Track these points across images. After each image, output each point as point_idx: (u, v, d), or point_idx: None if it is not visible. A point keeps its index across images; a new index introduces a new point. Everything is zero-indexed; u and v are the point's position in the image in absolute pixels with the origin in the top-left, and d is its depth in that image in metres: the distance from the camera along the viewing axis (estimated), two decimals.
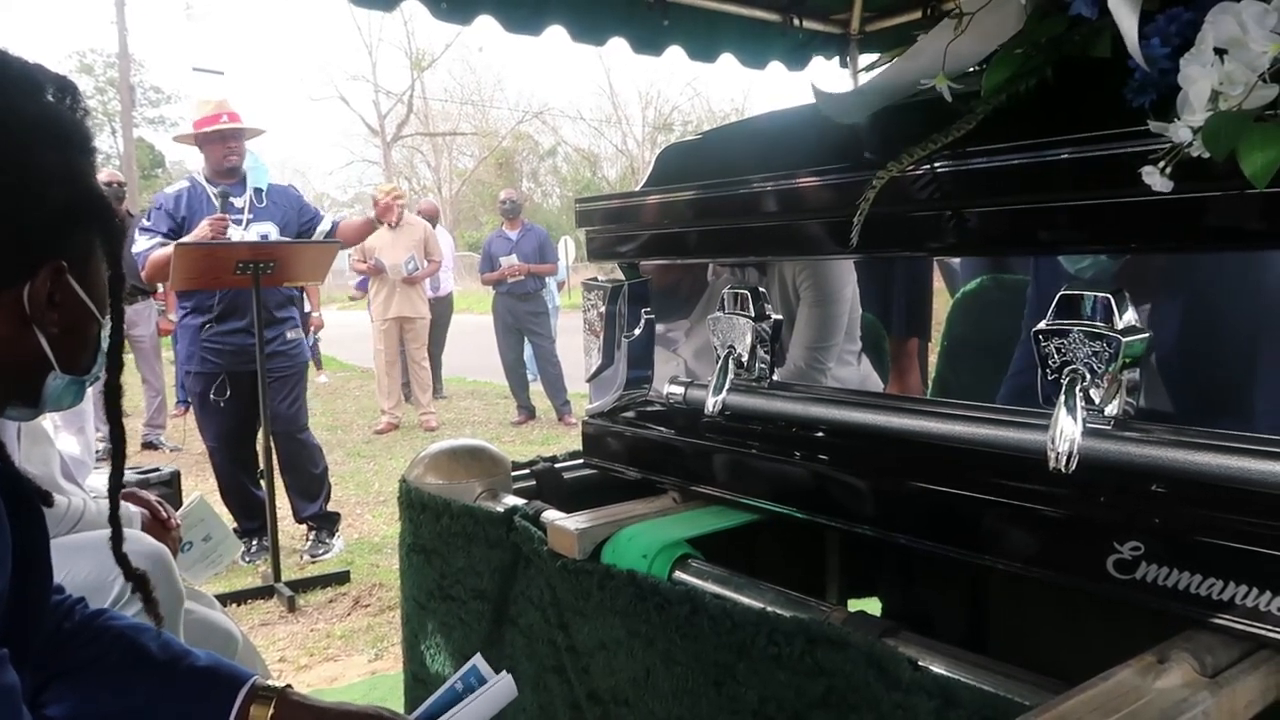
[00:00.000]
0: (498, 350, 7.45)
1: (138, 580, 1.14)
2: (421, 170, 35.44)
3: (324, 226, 4.07)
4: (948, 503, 1.10)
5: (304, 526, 4.13)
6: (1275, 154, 0.77)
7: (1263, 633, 0.84)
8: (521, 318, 7.29)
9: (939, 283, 1.24)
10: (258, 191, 3.93)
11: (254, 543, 3.92)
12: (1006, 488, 1.04)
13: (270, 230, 3.88)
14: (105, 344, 0.98)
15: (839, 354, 1.37)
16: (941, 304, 1.23)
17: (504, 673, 1.02)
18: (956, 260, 1.21)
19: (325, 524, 4.09)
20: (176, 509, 2.11)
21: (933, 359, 1.25)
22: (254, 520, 3.92)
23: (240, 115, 3.94)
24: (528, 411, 7.39)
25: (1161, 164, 0.83)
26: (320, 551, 3.99)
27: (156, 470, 4.09)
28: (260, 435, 3.65)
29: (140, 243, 3.77)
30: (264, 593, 3.46)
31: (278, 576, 3.47)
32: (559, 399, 7.16)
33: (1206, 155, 0.82)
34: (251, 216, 3.86)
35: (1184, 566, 0.88)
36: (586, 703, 1.36)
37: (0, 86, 0.85)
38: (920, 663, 0.94)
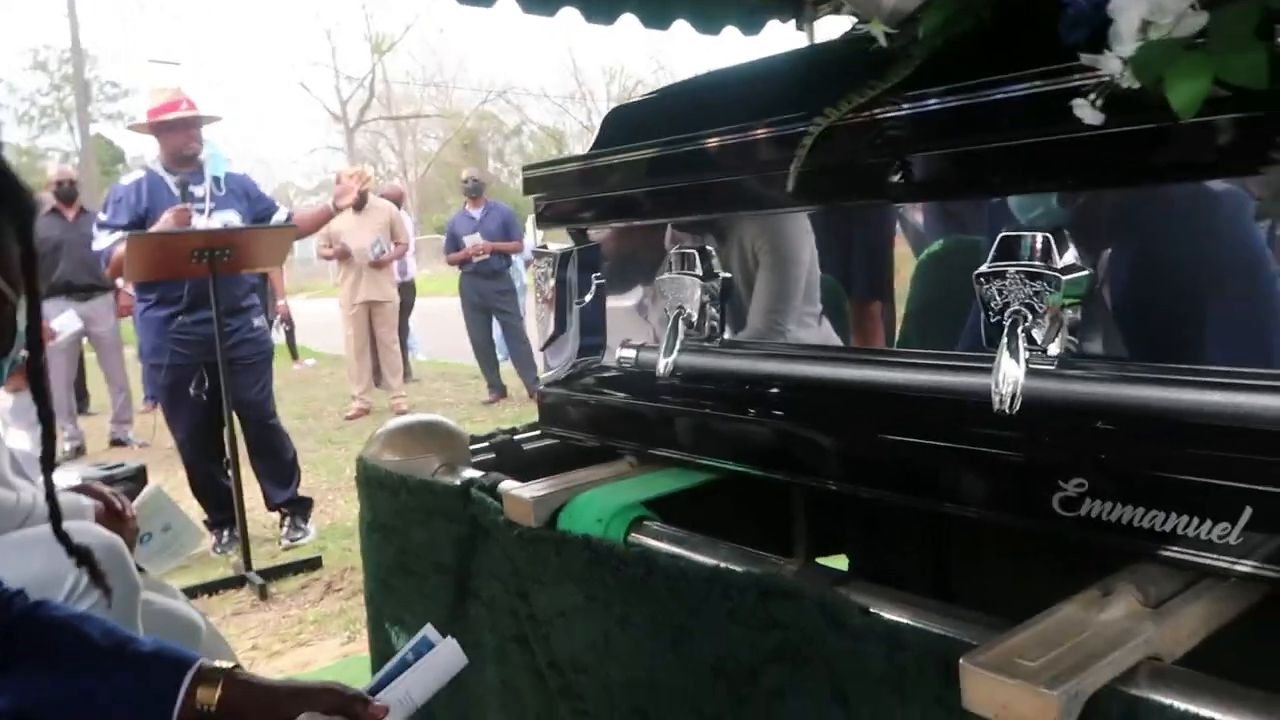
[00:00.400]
0: (466, 331, 7.40)
1: (81, 555, 1.12)
2: (386, 154, 35.06)
3: (279, 219, 4.00)
4: (897, 451, 1.10)
5: (276, 515, 4.09)
6: (1202, 85, 0.76)
7: (1205, 562, 0.84)
8: (489, 297, 7.23)
9: (903, 248, 1.22)
10: (216, 180, 3.85)
11: (226, 534, 3.88)
12: (954, 433, 1.04)
13: (233, 219, 3.81)
14: (22, 323, 0.95)
15: (798, 317, 1.36)
16: (905, 266, 1.21)
17: (448, 637, 1.01)
18: (919, 221, 1.19)
19: (299, 510, 4.06)
20: None
21: (894, 321, 1.23)
22: (225, 512, 3.87)
23: (196, 103, 3.85)
24: (499, 391, 7.35)
25: (1092, 96, 0.82)
26: (298, 537, 3.96)
27: (121, 465, 4.04)
28: (231, 423, 3.60)
29: (101, 239, 3.69)
30: (235, 583, 3.43)
31: (248, 565, 3.44)
32: (530, 377, 7.12)
33: (1137, 86, 0.81)
34: (214, 205, 3.78)
35: (1127, 501, 0.88)
36: (548, 670, 1.35)
37: None
38: (870, 609, 0.94)
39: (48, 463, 1.07)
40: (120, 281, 6.45)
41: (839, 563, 1.90)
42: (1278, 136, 0.73)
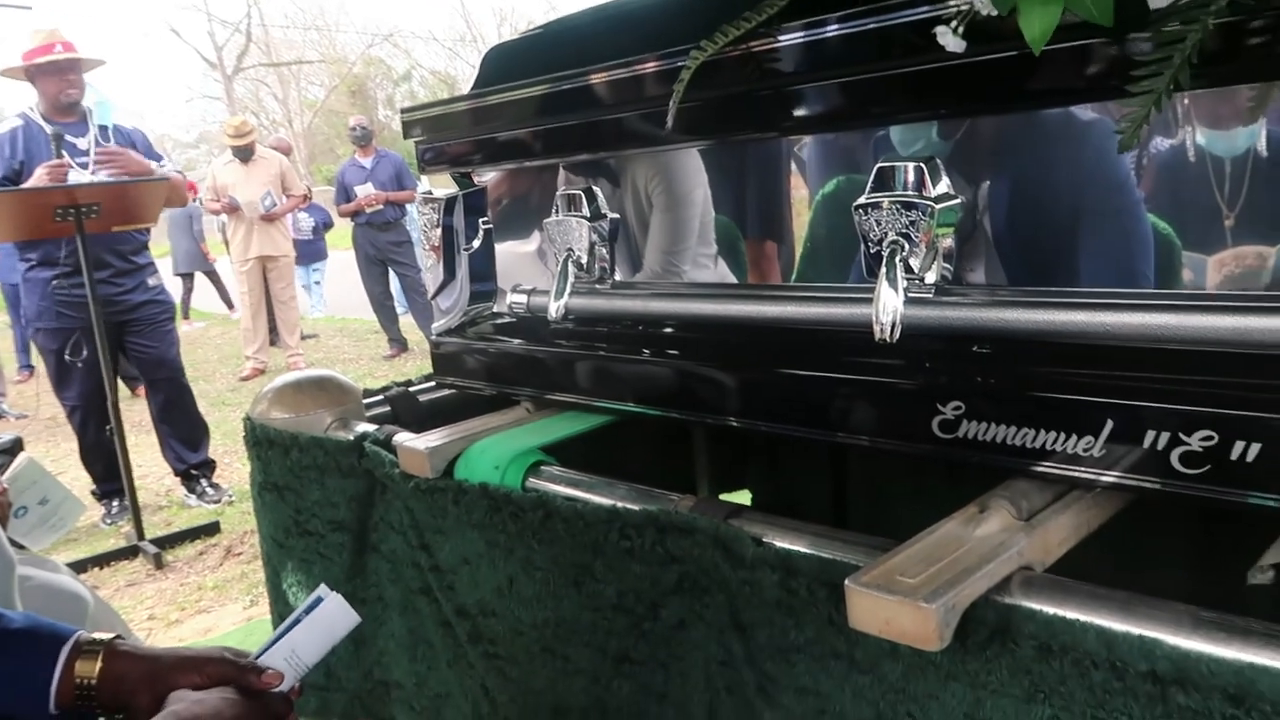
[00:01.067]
0: (362, 284, 7.21)
1: None
2: (269, 103, 33.47)
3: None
4: (788, 384, 1.12)
5: (173, 481, 3.96)
6: (1051, 18, 0.78)
7: (1074, 474, 0.88)
8: (384, 248, 7.03)
9: (788, 164, 1.22)
10: (103, 129, 3.59)
11: (116, 504, 3.72)
12: (839, 363, 1.06)
13: (119, 176, 3.57)
14: None
15: (694, 257, 1.35)
16: (797, 205, 1.21)
17: (334, 593, 0.99)
18: (808, 158, 1.19)
19: (207, 471, 3.94)
20: None
21: (790, 260, 1.24)
22: (116, 480, 3.71)
23: (75, 44, 3.57)
24: (399, 344, 7.21)
25: (954, 24, 0.83)
26: (217, 498, 3.85)
27: None
28: (114, 389, 3.43)
29: None
30: (129, 553, 3.30)
31: (141, 535, 3.31)
32: (430, 328, 7.00)
33: (995, 14, 0.82)
34: (98, 160, 3.54)
35: (1001, 420, 0.92)
36: (456, 619, 1.35)
37: None
38: (763, 539, 0.96)
39: None
40: None
41: (742, 497, 1.95)
42: (1134, 67, 0.75)
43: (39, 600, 1.63)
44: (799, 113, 1.08)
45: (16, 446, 3.72)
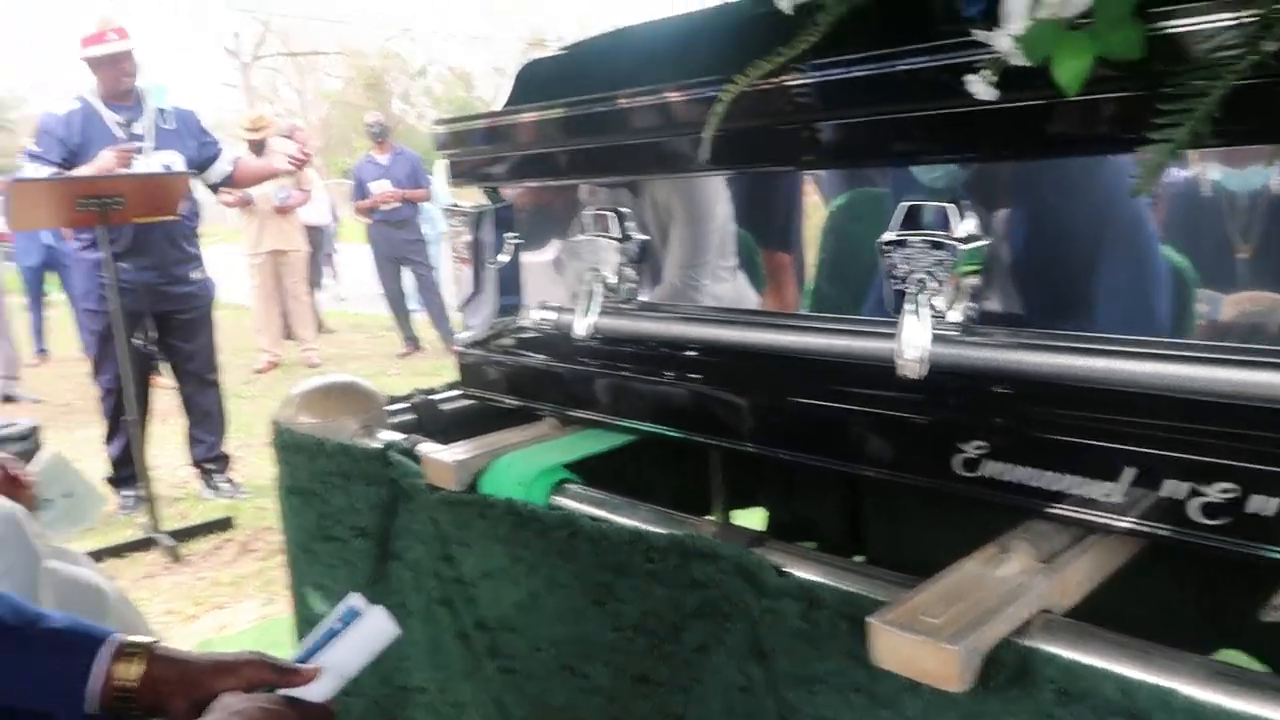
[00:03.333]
0: (378, 280, 7.24)
1: None
2: (285, 93, 33.57)
3: (222, 167, 3.81)
4: (809, 414, 1.14)
5: (188, 473, 4.00)
6: (1084, 62, 0.80)
7: (1093, 519, 0.90)
8: (399, 246, 7.07)
9: (814, 197, 1.25)
10: (161, 113, 3.63)
11: (131, 493, 3.76)
12: (861, 397, 1.08)
13: (175, 160, 3.61)
14: None
15: (713, 271, 1.38)
16: (816, 217, 1.24)
17: (378, 606, 1.01)
18: (828, 178, 1.22)
19: (223, 465, 3.98)
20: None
21: (806, 273, 1.27)
22: (133, 468, 3.75)
23: (127, 30, 3.59)
24: (413, 343, 7.25)
25: (985, 72, 0.85)
26: (233, 492, 3.89)
27: (13, 424, 3.87)
28: (142, 381, 3.47)
29: (28, 171, 3.46)
30: (144, 544, 3.34)
31: (157, 527, 3.35)
32: (444, 329, 7.03)
33: (1027, 64, 0.84)
34: (154, 144, 3.58)
35: (1023, 461, 0.94)
36: (475, 631, 1.37)
37: None
38: (786, 569, 0.98)
39: None
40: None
41: (756, 516, 1.97)
42: (1150, 116, 0.77)
43: (62, 593, 1.66)
44: (828, 147, 1.10)
45: (34, 434, 3.78)
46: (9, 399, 6.26)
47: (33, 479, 1.85)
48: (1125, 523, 0.87)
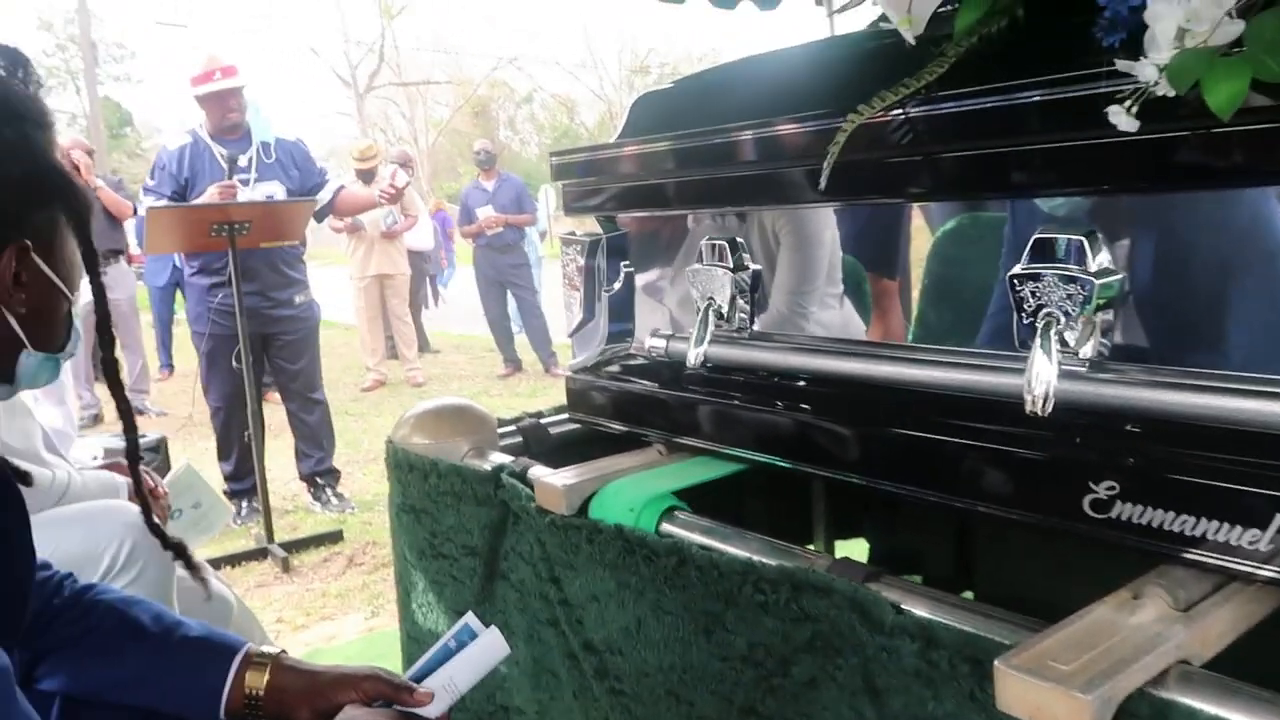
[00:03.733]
0: (481, 303, 7.42)
1: (176, 549, 1.15)
2: (396, 122, 34.88)
3: (324, 196, 3.99)
4: (926, 447, 1.12)
5: (299, 486, 4.16)
6: (1239, 85, 0.77)
7: (1234, 566, 0.85)
8: (503, 270, 7.24)
9: (919, 221, 1.23)
10: (265, 146, 3.84)
11: (245, 504, 3.94)
12: (984, 431, 1.05)
13: (276, 191, 3.81)
14: (79, 320, 0.97)
15: (821, 298, 1.37)
16: (922, 242, 1.23)
17: (492, 627, 1.03)
18: (956, 221, 1.20)
19: (333, 479, 4.12)
20: (164, 476, 2.12)
21: (915, 299, 1.25)
22: (245, 481, 3.93)
23: (236, 68, 3.83)
24: (514, 364, 7.39)
25: (1127, 103, 0.83)
26: (339, 506, 4.03)
27: (143, 436, 4.09)
28: (256, 398, 3.64)
29: (146, 203, 3.70)
30: (258, 554, 3.48)
31: (270, 538, 3.49)
32: (545, 351, 7.16)
33: (1172, 94, 0.81)
34: (257, 176, 3.78)
35: (1158, 504, 0.90)
36: (583, 653, 1.38)
37: None
38: (903, 606, 0.96)
39: (133, 457, 1.09)
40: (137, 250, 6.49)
41: (857, 546, 1.93)
42: None
43: (190, 601, 1.74)
44: (954, 179, 1.08)
45: (162, 446, 3.99)
46: (136, 411, 6.62)
47: (166, 489, 1.96)
48: (1271, 571, 0.82)
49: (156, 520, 1.15)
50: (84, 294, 0.97)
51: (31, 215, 0.88)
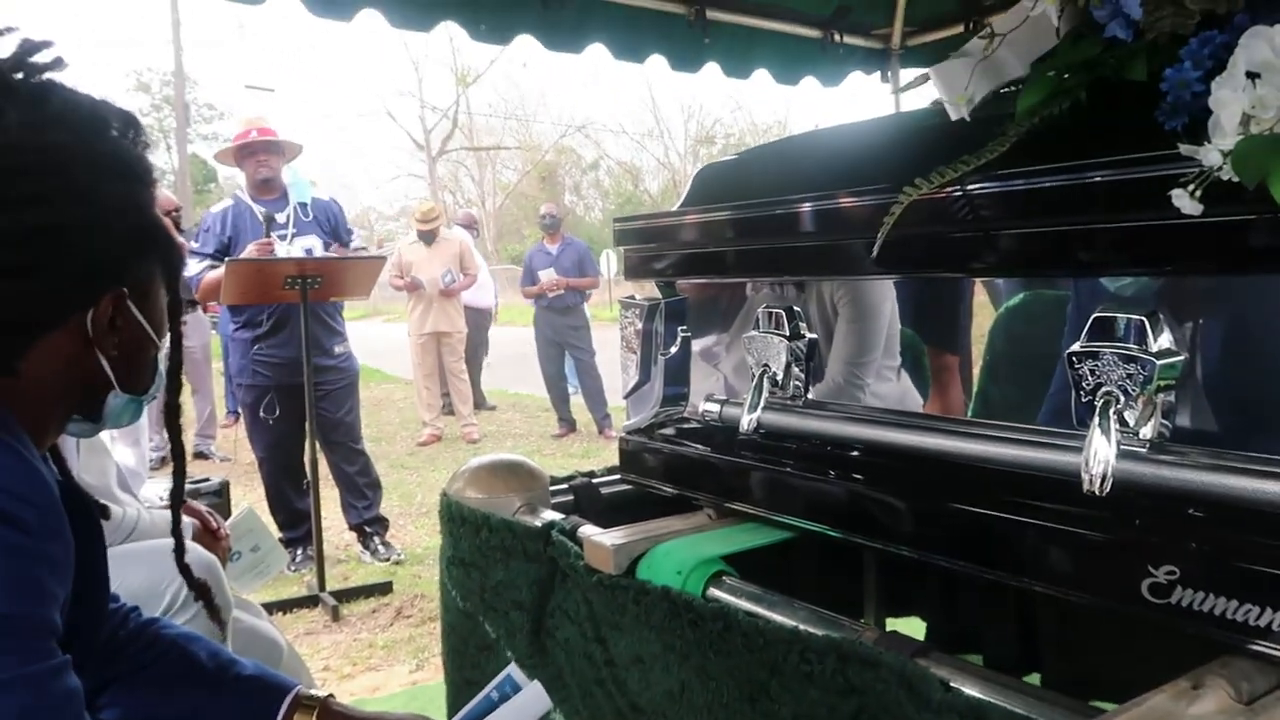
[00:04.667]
0: (539, 363, 7.51)
1: (199, 589, 1.19)
2: (465, 184, 35.86)
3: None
4: (981, 523, 1.10)
5: (350, 536, 4.21)
6: None
7: None
8: (561, 331, 7.34)
9: (981, 297, 1.24)
10: (302, 206, 4.02)
11: (298, 552, 3.99)
12: (1040, 509, 1.04)
13: (314, 244, 3.97)
14: (163, 365, 1.02)
15: (878, 370, 1.37)
16: (984, 318, 1.23)
17: (535, 681, 1.04)
18: (1013, 297, 1.20)
19: (381, 528, 4.17)
20: (225, 519, 2.17)
21: (973, 374, 1.25)
22: (297, 530, 4.00)
23: (274, 129, 4.04)
24: (568, 424, 7.43)
25: (1191, 187, 0.83)
26: (386, 555, 4.07)
27: (206, 480, 4.19)
28: (308, 447, 3.73)
29: (191, 265, 3.87)
30: (309, 602, 3.52)
31: (322, 586, 3.53)
32: (599, 412, 7.19)
33: (1237, 179, 0.82)
34: (295, 230, 3.95)
35: (1220, 592, 0.88)
36: (630, 713, 1.37)
37: (72, 125, 0.90)
38: (952, 684, 0.94)
39: (176, 499, 1.13)
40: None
41: (911, 623, 1.89)
42: None
43: (243, 642, 1.77)
44: (1011, 256, 1.09)
45: (224, 490, 4.08)
46: (202, 455, 6.79)
47: (227, 532, 2.01)
48: None
49: (188, 562, 1.19)
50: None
51: (131, 266, 0.94)
